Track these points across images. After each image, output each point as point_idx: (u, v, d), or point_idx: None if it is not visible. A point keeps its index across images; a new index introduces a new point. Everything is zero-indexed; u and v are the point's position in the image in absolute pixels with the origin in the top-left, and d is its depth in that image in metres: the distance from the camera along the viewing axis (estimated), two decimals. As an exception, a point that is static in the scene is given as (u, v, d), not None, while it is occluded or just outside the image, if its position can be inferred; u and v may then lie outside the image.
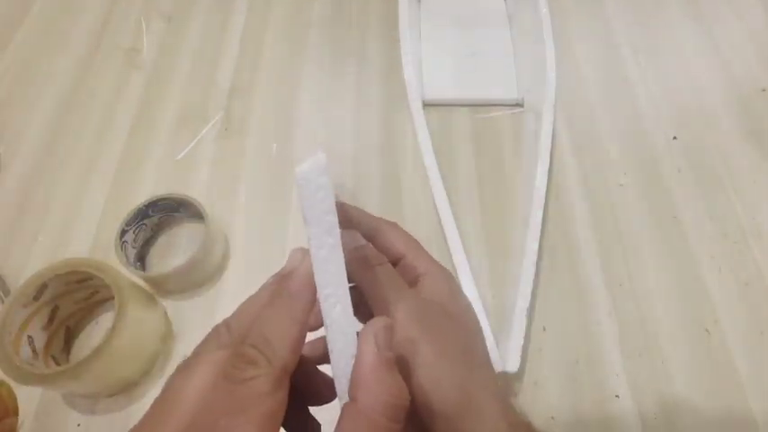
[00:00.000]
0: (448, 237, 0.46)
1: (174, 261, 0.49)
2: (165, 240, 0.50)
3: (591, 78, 0.58)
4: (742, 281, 0.45)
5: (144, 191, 0.53)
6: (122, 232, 0.45)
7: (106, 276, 0.39)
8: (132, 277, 0.43)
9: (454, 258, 0.44)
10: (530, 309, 0.42)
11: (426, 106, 0.55)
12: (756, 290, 0.44)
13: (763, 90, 0.55)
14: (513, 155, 0.53)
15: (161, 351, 0.44)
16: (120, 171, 0.54)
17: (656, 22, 0.62)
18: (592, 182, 0.51)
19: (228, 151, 0.55)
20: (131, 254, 0.46)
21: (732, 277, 0.45)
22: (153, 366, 0.43)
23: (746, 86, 0.56)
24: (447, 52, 0.60)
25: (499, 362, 0.40)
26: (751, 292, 0.44)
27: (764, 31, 0.60)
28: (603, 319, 0.44)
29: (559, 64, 0.59)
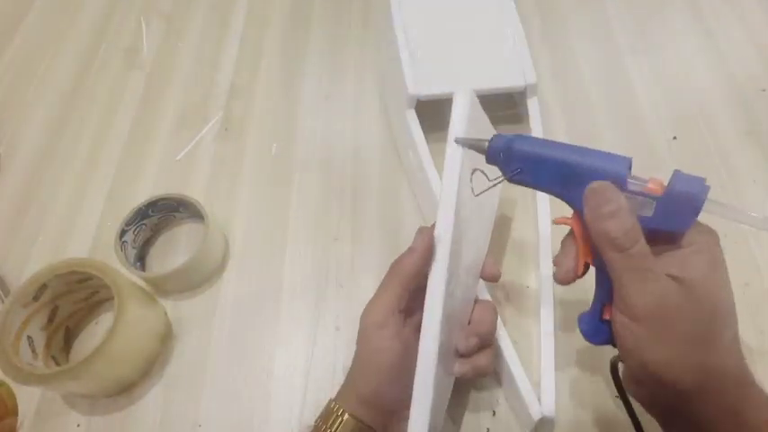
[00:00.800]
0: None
1: (174, 261, 0.49)
2: (165, 240, 0.50)
3: (591, 78, 0.58)
4: (742, 281, 0.45)
5: (144, 191, 0.53)
6: (122, 232, 0.45)
7: (106, 276, 0.39)
8: (132, 277, 0.43)
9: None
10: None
11: (423, 104, 0.51)
12: (756, 290, 0.44)
13: (763, 90, 0.55)
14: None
15: (161, 351, 0.44)
16: (120, 171, 0.54)
17: (656, 22, 0.62)
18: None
19: (228, 151, 0.55)
20: (131, 254, 0.46)
21: (732, 277, 0.45)
22: (153, 366, 0.43)
23: (746, 86, 0.56)
24: (441, 43, 0.54)
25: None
26: (751, 292, 0.44)
27: (764, 31, 0.60)
28: (603, 319, 0.44)
29: (559, 64, 0.59)
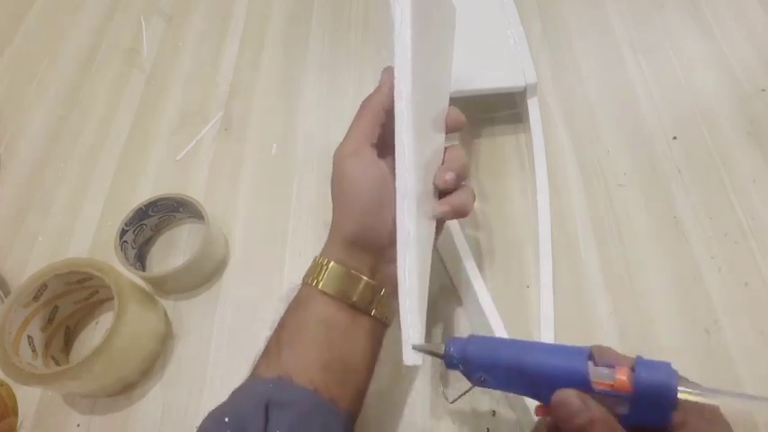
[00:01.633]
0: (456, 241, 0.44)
1: (174, 261, 0.49)
2: (165, 240, 0.50)
3: (591, 78, 0.58)
4: (742, 281, 0.45)
5: (144, 191, 0.53)
6: (122, 232, 0.45)
7: (106, 276, 0.39)
8: (132, 277, 0.43)
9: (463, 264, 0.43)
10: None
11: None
12: (756, 290, 0.44)
13: (763, 90, 0.55)
14: (514, 150, 0.53)
15: (161, 351, 0.44)
16: (120, 171, 0.54)
17: (656, 22, 0.62)
18: (592, 182, 0.51)
19: (228, 151, 0.55)
20: (131, 254, 0.46)
21: (732, 277, 0.45)
22: (153, 366, 0.43)
23: (746, 86, 0.56)
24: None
25: None
26: (751, 292, 0.44)
27: (764, 32, 0.60)
28: (603, 319, 0.44)
29: (559, 64, 0.59)
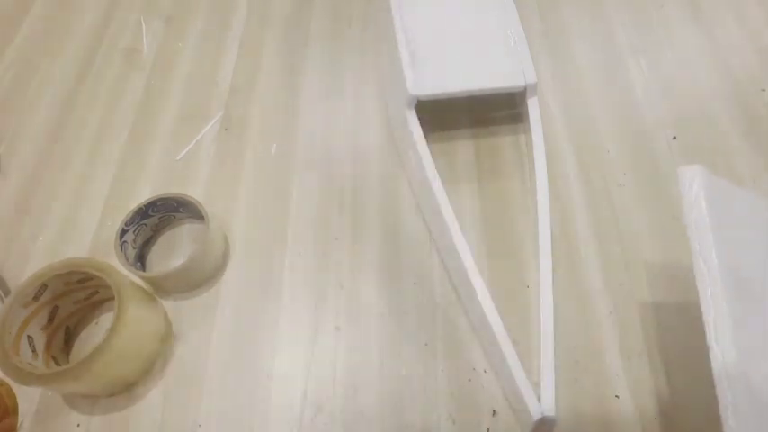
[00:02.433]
0: (454, 240, 0.44)
1: (174, 261, 0.49)
2: (165, 240, 0.50)
3: (591, 78, 0.58)
4: (742, 281, 0.45)
5: (144, 191, 0.53)
6: (122, 232, 0.45)
7: (106, 276, 0.39)
8: (132, 277, 0.43)
9: (464, 263, 0.43)
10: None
11: (423, 104, 0.50)
12: (756, 290, 0.44)
13: (763, 90, 0.55)
14: (513, 148, 0.53)
15: (161, 351, 0.44)
16: (120, 171, 0.54)
17: (656, 22, 0.62)
18: (592, 182, 0.51)
19: (228, 151, 0.55)
20: (131, 254, 0.46)
21: (732, 277, 0.45)
22: (153, 366, 0.43)
23: (746, 86, 0.56)
24: (441, 43, 0.53)
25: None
26: (751, 292, 0.44)
27: (764, 32, 0.60)
28: (603, 319, 0.44)
29: (559, 64, 0.59)
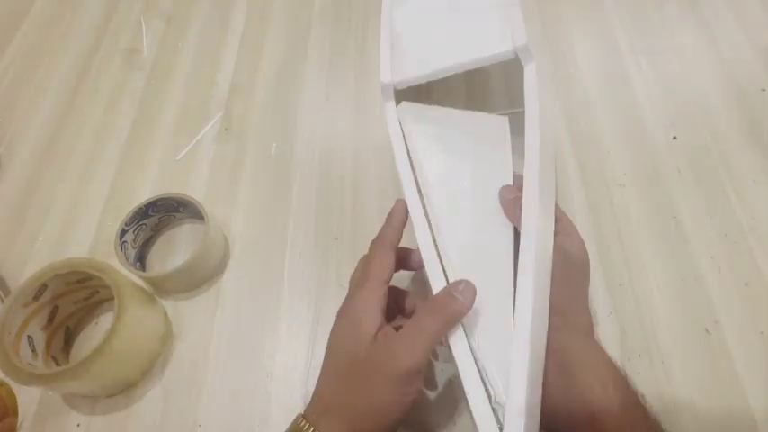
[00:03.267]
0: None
1: (174, 261, 0.49)
2: (165, 240, 0.50)
3: (591, 78, 0.58)
4: (742, 281, 0.45)
5: (144, 191, 0.53)
6: (122, 232, 0.45)
7: (106, 276, 0.39)
8: (132, 277, 0.43)
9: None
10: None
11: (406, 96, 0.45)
12: (756, 290, 0.44)
13: (763, 90, 0.55)
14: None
15: (161, 351, 0.44)
16: (120, 171, 0.54)
17: (656, 22, 0.62)
18: (592, 182, 0.51)
19: (228, 151, 0.55)
20: (131, 254, 0.46)
21: (732, 277, 0.45)
22: (153, 366, 0.43)
23: (746, 86, 0.56)
24: (425, 29, 0.47)
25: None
26: (751, 292, 0.44)
27: (764, 31, 0.60)
28: (603, 319, 0.44)
29: (559, 64, 0.59)
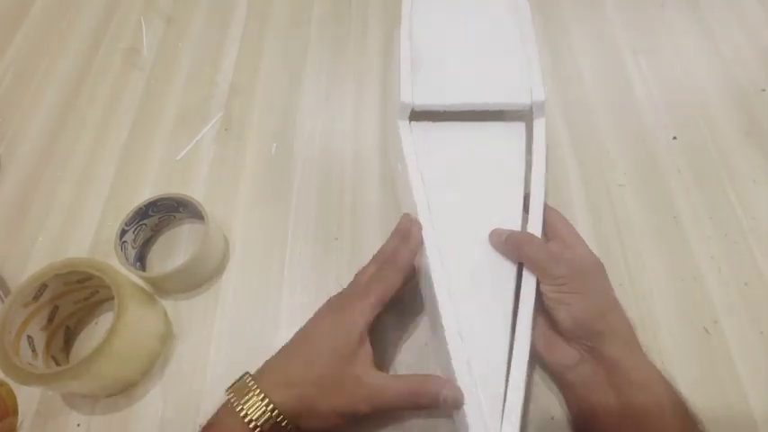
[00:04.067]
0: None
1: (174, 261, 0.49)
2: (164, 240, 0.50)
3: (591, 78, 0.58)
4: (742, 281, 0.45)
5: (144, 191, 0.53)
6: (122, 232, 0.45)
7: (106, 276, 0.39)
8: (132, 277, 0.43)
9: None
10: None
11: (417, 114, 0.47)
12: (756, 290, 0.44)
13: (763, 90, 0.55)
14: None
15: (161, 351, 0.44)
16: (120, 171, 0.54)
17: (656, 22, 0.62)
18: (592, 182, 0.51)
19: (228, 151, 0.55)
20: (131, 254, 0.46)
21: (732, 277, 0.45)
22: (153, 366, 0.43)
23: (746, 86, 0.56)
24: (448, 54, 0.49)
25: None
26: (751, 292, 0.44)
27: (764, 31, 0.60)
28: (603, 319, 0.44)
29: (559, 64, 0.59)
